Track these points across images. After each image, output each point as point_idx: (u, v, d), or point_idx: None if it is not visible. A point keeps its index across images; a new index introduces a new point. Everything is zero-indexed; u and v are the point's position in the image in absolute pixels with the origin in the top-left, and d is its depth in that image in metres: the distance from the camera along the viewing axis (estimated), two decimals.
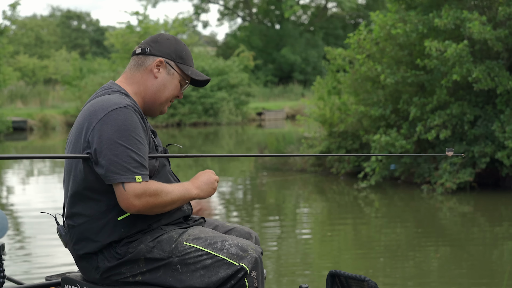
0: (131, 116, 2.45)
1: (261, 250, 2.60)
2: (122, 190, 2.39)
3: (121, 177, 2.38)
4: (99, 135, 2.41)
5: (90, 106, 2.53)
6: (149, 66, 2.64)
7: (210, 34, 59.77)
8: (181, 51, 2.67)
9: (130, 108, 2.46)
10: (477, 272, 6.30)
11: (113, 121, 2.42)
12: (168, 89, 2.65)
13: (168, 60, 2.64)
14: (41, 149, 19.75)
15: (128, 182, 2.38)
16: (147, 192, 2.40)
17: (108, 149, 2.39)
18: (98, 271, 2.53)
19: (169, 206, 2.51)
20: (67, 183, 2.58)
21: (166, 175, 2.64)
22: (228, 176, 13.64)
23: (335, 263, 6.72)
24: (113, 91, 2.59)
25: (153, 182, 2.45)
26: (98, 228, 2.49)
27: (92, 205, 2.49)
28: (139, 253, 2.49)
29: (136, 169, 2.39)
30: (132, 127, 2.43)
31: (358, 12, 44.35)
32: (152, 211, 2.47)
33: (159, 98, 2.64)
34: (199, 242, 2.53)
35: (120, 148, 2.39)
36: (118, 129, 2.41)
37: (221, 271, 2.47)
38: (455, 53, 9.93)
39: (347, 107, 12.56)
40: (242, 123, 29.80)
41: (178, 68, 2.66)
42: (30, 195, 11.47)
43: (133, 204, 2.40)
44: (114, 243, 2.51)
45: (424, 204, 9.99)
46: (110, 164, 2.38)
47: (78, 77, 31.23)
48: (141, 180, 2.39)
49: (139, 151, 2.43)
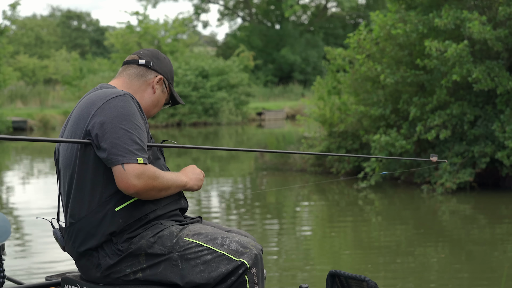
0: (130, 103, 2.53)
1: (261, 247, 2.62)
2: (122, 170, 2.42)
3: (123, 158, 2.43)
4: (100, 121, 2.47)
5: (87, 99, 2.59)
6: (150, 80, 2.75)
7: (210, 34, 59.78)
8: (173, 72, 2.86)
9: (128, 97, 2.56)
10: (477, 272, 6.31)
11: (113, 107, 2.50)
12: (159, 105, 2.80)
13: (165, 79, 2.79)
14: (41, 149, 19.76)
15: (129, 163, 2.43)
16: (146, 173, 2.45)
17: (110, 132, 2.45)
18: (99, 269, 2.53)
19: (164, 191, 2.56)
20: (64, 179, 2.60)
21: (161, 168, 2.68)
22: (228, 176, 13.64)
23: (335, 263, 6.72)
24: (109, 87, 2.68)
25: (151, 167, 2.51)
26: (97, 221, 2.51)
27: (91, 198, 2.51)
28: (140, 248, 2.51)
29: (137, 151, 2.45)
30: (131, 113, 2.51)
31: (358, 12, 44.35)
32: (148, 194, 2.50)
33: (150, 111, 2.77)
34: (200, 237, 2.55)
35: (121, 131, 2.46)
36: (118, 114, 2.48)
37: (222, 266, 2.48)
38: (455, 53, 9.92)
39: (347, 107, 12.56)
40: (242, 123, 29.79)
41: (169, 88, 2.82)
42: (30, 195, 11.46)
43: (132, 184, 2.43)
44: (114, 238, 2.52)
45: (424, 204, 9.99)
46: (112, 146, 2.43)
47: (78, 77, 31.25)
48: (142, 162, 2.45)
49: (140, 135, 2.50)
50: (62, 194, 2.64)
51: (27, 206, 10.17)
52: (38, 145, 21.07)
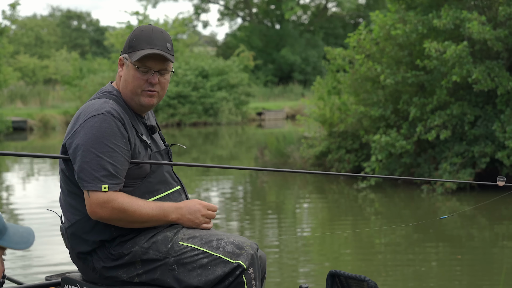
0: (107, 123, 2.44)
1: (256, 246, 2.59)
2: (87, 197, 2.41)
3: (88, 185, 2.41)
4: (75, 141, 2.44)
5: (79, 110, 2.57)
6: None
7: (210, 34, 59.71)
8: (131, 39, 2.57)
9: (108, 115, 2.45)
10: (477, 272, 6.30)
11: (89, 128, 2.44)
12: (128, 82, 2.56)
13: (124, 55, 2.59)
14: (41, 149, 19.75)
15: (93, 191, 2.39)
16: (111, 203, 2.40)
17: (81, 155, 2.42)
18: (96, 272, 2.54)
19: (137, 224, 2.49)
20: (60, 181, 2.62)
21: (162, 175, 2.62)
22: (228, 176, 13.64)
23: (335, 263, 6.72)
24: (102, 93, 2.61)
25: (122, 197, 2.43)
26: (90, 227, 2.50)
27: (82, 205, 2.50)
28: (135, 255, 2.49)
29: (104, 178, 2.40)
30: (106, 135, 2.42)
31: (358, 12, 44.32)
32: (117, 223, 2.46)
33: (126, 95, 2.58)
34: (195, 241, 2.52)
35: (91, 155, 2.41)
36: (91, 136, 2.42)
37: (218, 269, 2.47)
38: (455, 54, 9.92)
39: (347, 107, 12.55)
40: (242, 123, 29.77)
41: (128, 57, 2.57)
42: (29, 194, 11.46)
43: (94, 211, 2.42)
44: (107, 242, 2.51)
45: (424, 204, 9.98)
46: (80, 170, 2.42)
47: (78, 77, 31.20)
48: (107, 190, 2.39)
49: (112, 159, 2.42)
50: (60, 195, 2.65)
51: (27, 206, 10.17)
52: (38, 144, 21.07)
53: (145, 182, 2.56)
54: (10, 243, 1.76)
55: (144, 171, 2.55)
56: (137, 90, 2.56)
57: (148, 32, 2.56)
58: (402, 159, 11.13)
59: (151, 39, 2.55)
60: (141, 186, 2.54)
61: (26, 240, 1.78)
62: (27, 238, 1.78)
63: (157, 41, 2.55)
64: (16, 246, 1.76)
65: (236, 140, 22.56)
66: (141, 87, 2.56)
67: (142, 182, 2.55)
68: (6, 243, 1.76)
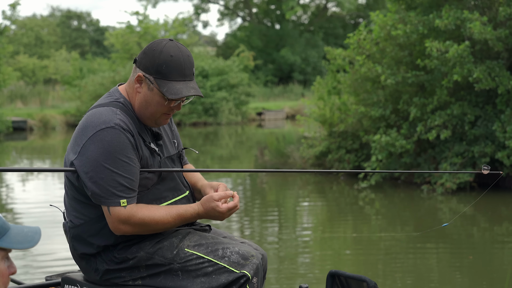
0: (118, 137, 2.39)
1: (262, 255, 2.59)
2: (108, 214, 2.41)
3: (106, 201, 2.39)
4: (86, 156, 2.39)
5: (85, 119, 2.49)
6: (134, 79, 2.51)
7: (210, 34, 59.73)
8: (161, 65, 2.43)
9: (117, 128, 2.40)
10: (477, 272, 6.30)
11: (99, 142, 2.39)
12: (150, 105, 2.48)
13: (148, 75, 2.46)
14: (41, 149, 19.75)
15: (113, 206, 2.39)
16: (132, 219, 2.40)
17: (94, 171, 2.38)
18: (98, 273, 2.54)
19: (161, 230, 2.50)
20: (65, 187, 2.60)
21: (171, 182, 2.60)
22: (228, 176, 13.63)
23: (335, 263, 6.72)
24: (109, 101, 2.52)
25: (142, 210, 2.42)
26: (95, 231, 2.50)
27: (90, 209, 2.50)
28: (140, 261, 2.49)
29: (121, 192, 2.39)
30: (118, 149, 2.39)
31: (358, 12, 44.32)
32: (141, 234, 2.48)
33: (144, 113, 2.50)
34: (201, 249, 2.52)
35: (105, 171, 2.38)
36: (104, 151, 2.38)
37: (222, 278, 2.47)
38: (456, 53, 9.92)
39: (347, 107, 12.55)
40: (242, 123, 29.77)
41: (156, 84, 2.45)
42: (30, 194, 11.46)
43: (118, 228, 2.42)
44: (111, 246, 2.51)
45: (424, 204, 9.98)
46: (96, 187, 2.39)
47: (78, 77, 31.21)
48: (126, 204, 2.39)
49: (126, 173, 2.40)
50: (65, 196, 2.64)
51: (27, 205, 10.17)
52: (38, 145, 21.06)
53: (153, 189, 2.55)
54: (11, 244, 1.75)
55: (151, 181, 2.53)
56: (153, 113, 2.50)
57: (178, 58, 2.44)
58: (402, 159, 11.13)
59: (183, 69, 2.45)
60: (149, 193, 2.53)
61: (31, 239, 1.76)
62: (32, 237, 1.77)
63: (187, 71, 2.46)
64: (18, 246, 1.75)
65: (236, 140, 22.56)
66: (160, 113, 2.51)
67: (149, 189, 2.54)
68: (6, 243, 1.74)
